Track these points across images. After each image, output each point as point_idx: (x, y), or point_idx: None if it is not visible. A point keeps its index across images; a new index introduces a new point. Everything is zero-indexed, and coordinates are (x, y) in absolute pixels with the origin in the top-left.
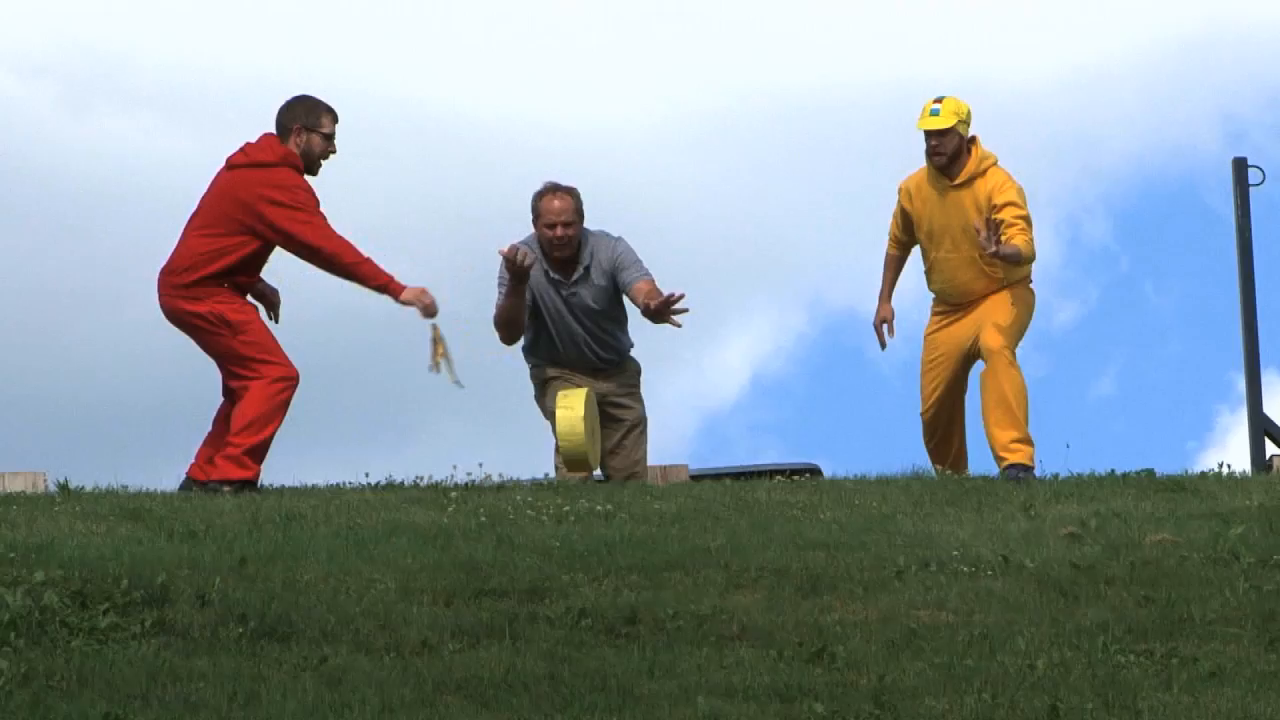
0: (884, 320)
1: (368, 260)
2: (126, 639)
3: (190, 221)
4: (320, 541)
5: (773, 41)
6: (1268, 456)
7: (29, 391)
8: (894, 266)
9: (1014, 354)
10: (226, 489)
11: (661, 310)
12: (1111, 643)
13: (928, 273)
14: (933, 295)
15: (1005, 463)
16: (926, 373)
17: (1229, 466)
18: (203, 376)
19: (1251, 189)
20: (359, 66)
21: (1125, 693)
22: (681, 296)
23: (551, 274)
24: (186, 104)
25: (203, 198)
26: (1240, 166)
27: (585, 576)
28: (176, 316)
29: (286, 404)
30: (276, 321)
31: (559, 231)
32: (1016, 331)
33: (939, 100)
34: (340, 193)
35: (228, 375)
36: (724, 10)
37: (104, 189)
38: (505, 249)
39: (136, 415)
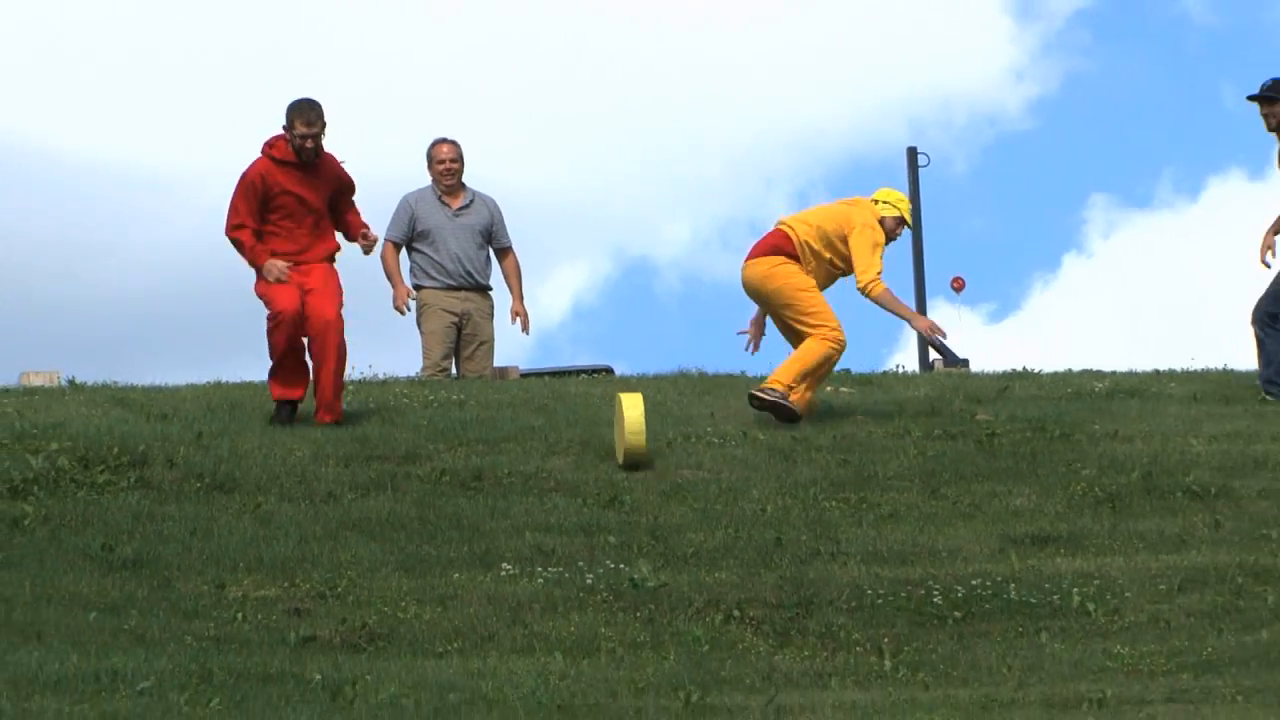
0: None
1: (235, 240)
2: (117, 491)
3: None
4: (255, 421)
5: (590, 51)
6: (930, 360)
7: (46, 309)
8: None
9: None
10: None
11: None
12: (819, 493)
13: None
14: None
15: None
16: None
17: (903, 367)
18: (171, 297)
19: (921, 170)
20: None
21: (829, 528)
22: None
23: (443, 200)
24: None
25: None
26: (912, 153)
27: (445, 446)
28: None
29: (275, 336)
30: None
31: (447, 165)
32: None
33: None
34: None
35: None
36: (550, 23)
37: None
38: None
39: (128, 324)
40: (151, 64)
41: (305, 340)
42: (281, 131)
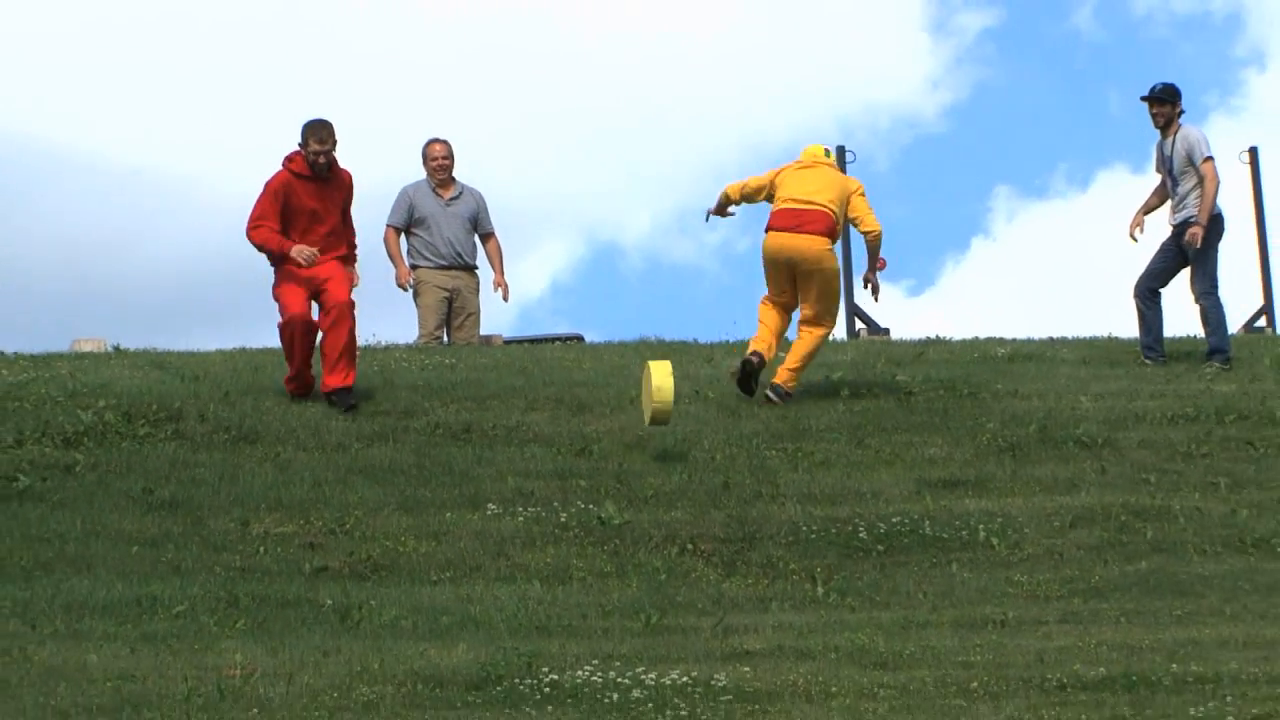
0: None
1: (256, 235)
2: (156, 442)
3: None
4: (274, 382)
5: (568, 63)
6: (856, 329)
7: (95, 284)
8: None
9: None
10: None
11: (502, 288)
12: (761, 443)
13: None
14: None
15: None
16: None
17: (833, 335)
18: (203, 276)
19: (849, 165)
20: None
21: (770, 473)
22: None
23: (436, 191)
24: None
25: None
26: (841, 151)
27: (438, 402)
28: None
29: (284, 338)
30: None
31: (439, 161)
32: None
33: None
34: None
35: None
36: (525, 27)
37: None
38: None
39: (166, 298)
40: (178, 81)
41: (319, 332)
42: (298, 148)
